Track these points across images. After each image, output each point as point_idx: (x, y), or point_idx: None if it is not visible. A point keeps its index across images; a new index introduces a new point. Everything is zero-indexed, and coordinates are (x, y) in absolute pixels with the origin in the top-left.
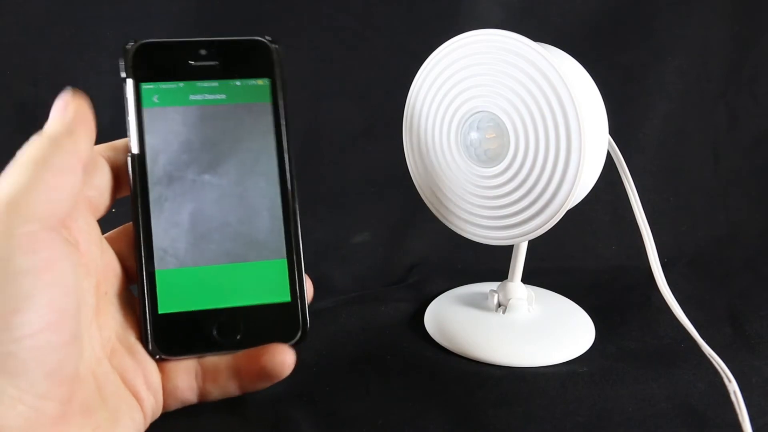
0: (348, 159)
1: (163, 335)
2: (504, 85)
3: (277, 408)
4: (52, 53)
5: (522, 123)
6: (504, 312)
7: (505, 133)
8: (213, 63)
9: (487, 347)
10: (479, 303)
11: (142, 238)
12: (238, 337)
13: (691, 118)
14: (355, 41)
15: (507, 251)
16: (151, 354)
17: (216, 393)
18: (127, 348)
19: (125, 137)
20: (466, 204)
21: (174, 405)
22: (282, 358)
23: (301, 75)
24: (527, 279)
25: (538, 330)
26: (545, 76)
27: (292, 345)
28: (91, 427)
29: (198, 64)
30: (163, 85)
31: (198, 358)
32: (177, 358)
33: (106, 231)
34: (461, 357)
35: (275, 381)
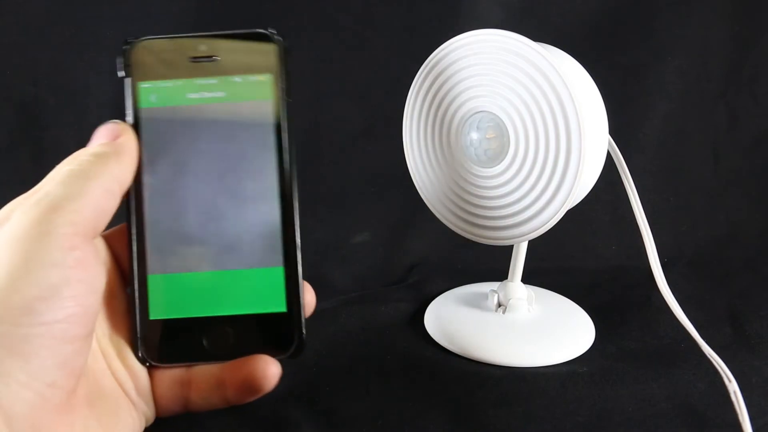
0: (348, 159)
1: (154, 342)
2: (504, 85)
3: (277, 408)
4: (52, 53)
5: (522, 123)
6: (504, 312)
7: (505, 133)
8: (212, 59)
9: (487, 347)
10: (479, 303)
11: (135, 241)
12: (229, 347)
13: (691, 118)
14: (355, 41)
15: (507, 251)
16: (141, 360)
17: (201, 404)
18: (118, 352)
19: None
20: (466, 204)
21: (163, 413)
22: (264, 370)
23: (301, 75)
24: (527, 279)
25: (538, 330)
26: (545, 76)
27: (286, 358)
28: (95, 418)
29: (196, 60)
30: (161, 84)
31: (188, 366)
32: (166, 365)
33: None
34: (461, 357)
35: (259, 394)
